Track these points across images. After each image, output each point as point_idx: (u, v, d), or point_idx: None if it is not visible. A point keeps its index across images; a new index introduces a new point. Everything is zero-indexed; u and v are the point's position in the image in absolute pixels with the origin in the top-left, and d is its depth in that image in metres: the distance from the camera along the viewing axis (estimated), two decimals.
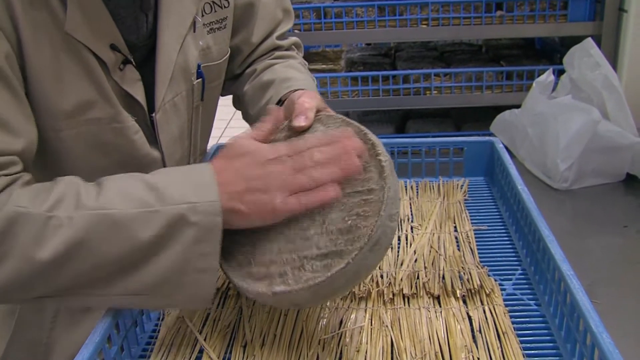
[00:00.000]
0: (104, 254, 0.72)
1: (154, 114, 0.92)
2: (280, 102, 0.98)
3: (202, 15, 0.97)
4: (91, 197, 0.73)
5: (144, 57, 0.91)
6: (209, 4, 0.98)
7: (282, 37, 1.15)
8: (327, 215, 0.74)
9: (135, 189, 0.74)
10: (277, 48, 1.14)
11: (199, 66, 0.98)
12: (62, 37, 0.80)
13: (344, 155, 0.74)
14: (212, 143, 1.23)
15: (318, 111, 0.84)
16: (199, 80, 0.99)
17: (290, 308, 0.86)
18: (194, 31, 0.96)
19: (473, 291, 0.88)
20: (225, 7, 1.01)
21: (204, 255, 0.73)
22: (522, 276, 0.93)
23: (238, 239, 0.78)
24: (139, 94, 0.90)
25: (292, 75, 1.04)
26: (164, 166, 0.97)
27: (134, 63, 0.88)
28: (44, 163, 0.87)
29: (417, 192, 1.19)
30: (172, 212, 0.72)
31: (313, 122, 0.82)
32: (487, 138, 1.27)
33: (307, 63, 1.17)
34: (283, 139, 0.84)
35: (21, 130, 0.78)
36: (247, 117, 1.13)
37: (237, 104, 1.17)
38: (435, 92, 2.02)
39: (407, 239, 1.01)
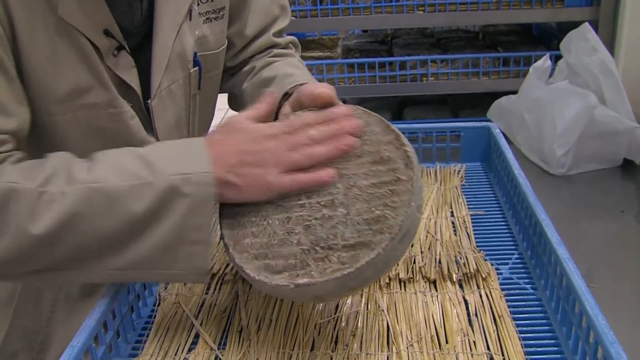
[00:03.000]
0: (98, 227, 0.72)
1: (149, 101, 0.92)
2: (285, 97, 0.97)
3: (198, 4, 0.97)
4: (83, 171, 0.73)
5: (138, 44, 0.91)
6: None
7: (279, 34, 1.14)
8: (352, 206, 0.72)
9: (128, 162, 0.74)
10: (275, 46, 1.13)
11: (195, 54, 0.97)
12: (56, 21, 0.80)
13: (341, 133, 0.75)
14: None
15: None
16: (196, 68, 0.98)
17: (310, 302, 0.83)
18: (190, 19, 0.95)
19: (469, 275, 0.88)
20: None
21: (197, 227, 0.73)
22: (519, 260, 0.93)
23: (251, 232, 0.75)
24: (133, 80, 0.89)
25: (294, 72, 1.03)
26: None
27: (128, 49, 0.88)
28: (38, 148, 0.87)
29: None
30: (165, 184, 0.71)
31: None
32: (484, 123, 1.27)
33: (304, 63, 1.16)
34: None
35: (14, 110, 0.78)
36: None
37: (234, 103, 1.15)
38: (432, 78, 2.02)
39: None
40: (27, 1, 0.77)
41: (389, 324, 0.80)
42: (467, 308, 0.82)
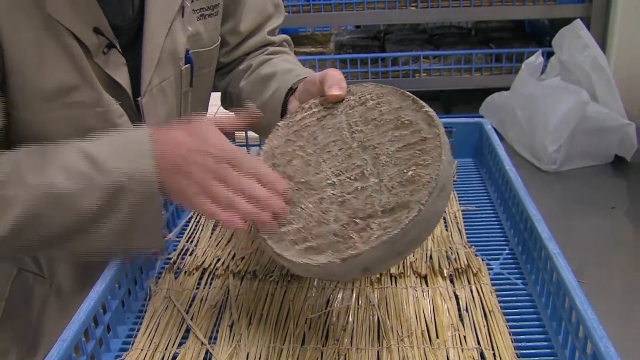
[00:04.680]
0: (54, 224, 0.77)
1: (139, 98, 0.91)
2: (290, 92, 0.96)
3: (192, 1, 0.96)
4: (34, 173, 0.76)
5: (129, 41, 0.90)
6: None
7: (273, 32, 1.13)
8: (383, 174, 0.72)
9: (75, 162, 0.76)
10: (270, 44, 1.12)
11: (187, 52, 0.96)
12: (42, 19, 0.79)
13: (269, 201, 0.74)
14: None
15: None
16: (187, 66, 0.97)
17: (359, 276, 0.81)
18: (183, 16, 0.95)
19: (460, 270, 0.88)
20: None
21: (148, 221, 0.78)
22: (510, 256, 0.93)
23: (285, 220, 0.74)
24: (123, 79, 0.88)
25: (294, 67, 1.03)
26: None
27: (118, 47, 0.87)
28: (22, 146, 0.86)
29: None
30: (111, 182, 0.75)
31: (357, 103, 0.82)
32: (476, 119, 1.27)
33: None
34: (316, 121, 0.83)
35: None
36: None
37: (229, 102, 1.14)
38: (425, 74, 2.02)
39: None
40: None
41: (380, 319, 0.80)
42: (458, 303, 0.82)
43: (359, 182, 0.73)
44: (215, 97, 1.16)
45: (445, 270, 0.88)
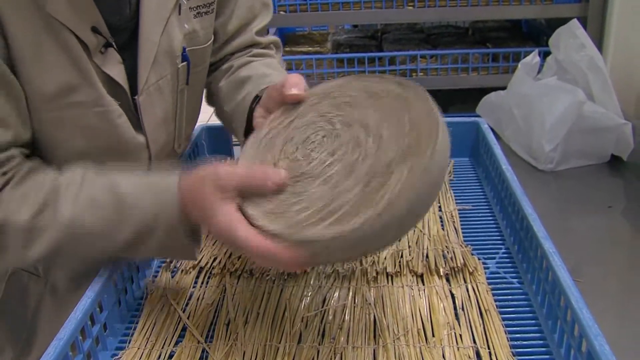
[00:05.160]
0: (84, 253, 0.83)
1: (136, 97, 0.91)
2: (256, 100, 0.95)
3: None
4: (68, 205, 0.79)
5: (126, 40, 0.90)
6: None
7: (260, 33, 1.12)
8: (381, 134, 0.69)
9: (105, 202, 0.79)
10: (256, 45, 1.11)
11: (184, 49, 0.96)
12: (43, 19, 0.79)
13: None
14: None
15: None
16: (184, 63, 0.97)
17: (391, 240, 0.74)
18: (179, 14, 0.94)
19: (456, 269, 0.88)
20: None
21: (179, 248, 0.79)
22: (506, 255, 0.94)
23: (295, 210, 0.68)
24: (121, 77, 0.88)
25: (271, 72, 1.01)
26: (149, 151, 0.95)
27: (115, 46, 0.87)
28: None
29: None
30: (138, 228, 0.78)
31: (322, 98, 0.80)
32: (472, 119, 1.27)
33: (285, 64, 1.14)
34: (285, 126, 0.80)
35: (10, 121, 0.80)
36: (220, 114, 1.10)
37: (211, 100, 1.14)
38: (422, 73, 2.02)
39: None
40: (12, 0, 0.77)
41: (376, 318, 0.80)
42: (454, 302, 0.83)
43: (360, 149, 0.70)
44: None
45: (441, 269, 0.88)
